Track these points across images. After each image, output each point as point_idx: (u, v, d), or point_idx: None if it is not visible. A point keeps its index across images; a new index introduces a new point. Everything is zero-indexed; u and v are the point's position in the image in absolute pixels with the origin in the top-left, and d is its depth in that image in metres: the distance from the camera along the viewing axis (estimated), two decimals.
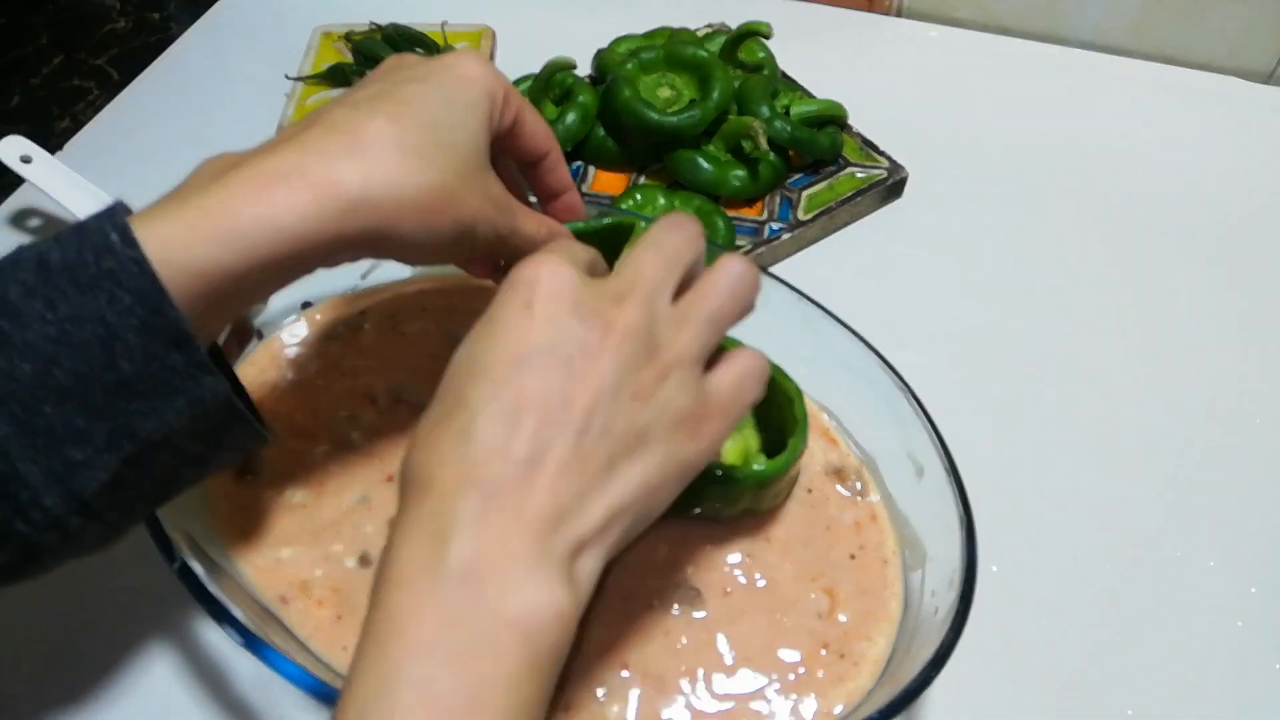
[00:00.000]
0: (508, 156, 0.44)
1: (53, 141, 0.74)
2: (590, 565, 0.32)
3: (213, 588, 0.40)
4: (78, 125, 0.77)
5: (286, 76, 0.77)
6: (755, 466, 0.44)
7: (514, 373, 0.32)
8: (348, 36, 0.79)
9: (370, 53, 0.76)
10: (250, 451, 0.39)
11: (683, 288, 0.36)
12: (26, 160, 0.65)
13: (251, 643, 0.38)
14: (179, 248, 0.31)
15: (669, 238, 0.36)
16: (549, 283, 0.33)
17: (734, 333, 0.48)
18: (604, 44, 0.74)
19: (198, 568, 0.40)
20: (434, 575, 0.29)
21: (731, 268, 0.36)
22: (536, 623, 0.29)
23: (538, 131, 0.43)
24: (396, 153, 0.35)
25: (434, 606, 0.29)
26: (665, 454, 0.33)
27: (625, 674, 0.42)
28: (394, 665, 0.28)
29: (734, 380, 0.36)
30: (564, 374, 0.32)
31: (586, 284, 0.34)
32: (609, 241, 0.51)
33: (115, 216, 0.31)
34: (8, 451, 0.31)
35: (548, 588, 0.30)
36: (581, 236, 0.51)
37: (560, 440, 0.31)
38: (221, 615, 0.39)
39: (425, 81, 0.38)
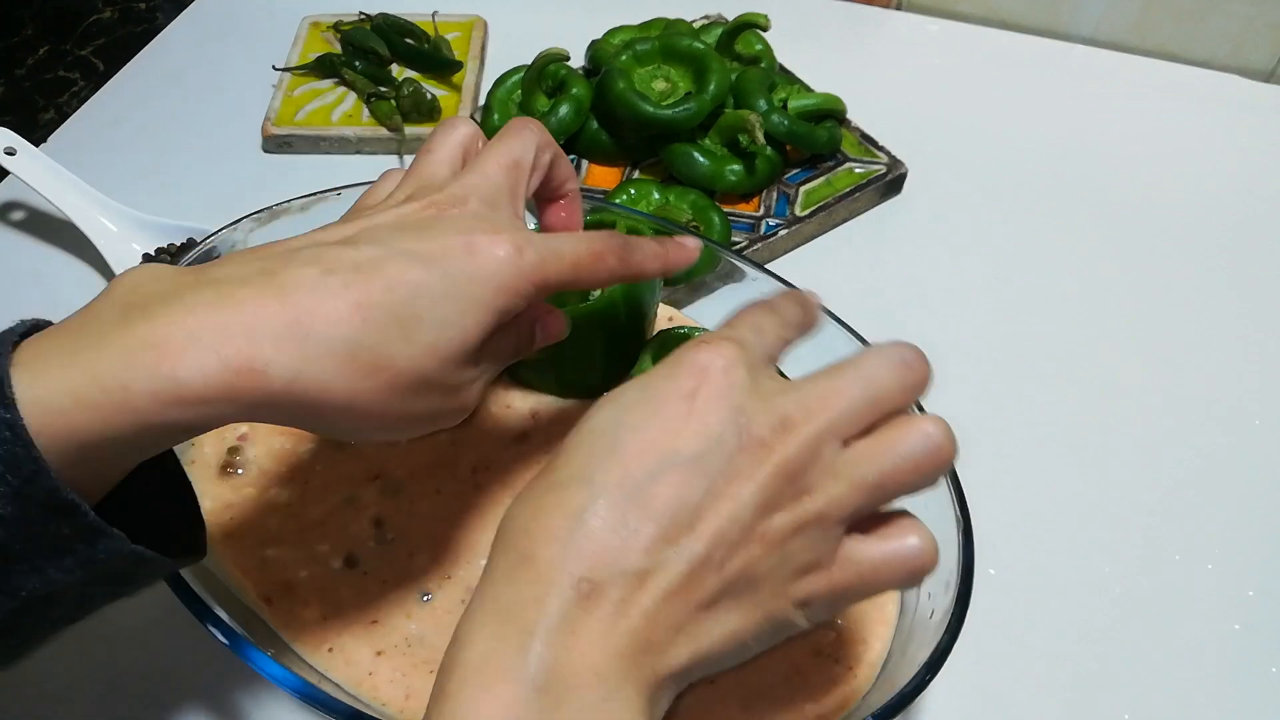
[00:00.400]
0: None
1: (37, 134, 0.73)
2: (664, 700, 0.30)
3: (197, 587, 0.39)
4: (63, 117, 0.76)
5: (274, 67, 0.75)
6: None
7: (653, 470, 0.29)
8: (336, 26, 0.78)
9: (359, 43, 0.75)
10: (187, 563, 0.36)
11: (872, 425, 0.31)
12: (11, 153, 0.63)
13: (236, 643, 0.37)
14: (59, 415, 0.27)
15: (883, 374, 0.32)
16: (720, 381, 0.30)
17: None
18: (598, 35, 0.73)
19: (187, 573, 0.39)
20: (513, 676, 0.27)
21: (924, 430, 0.31)
22: None
23: (579, 259, 0.36)
24: (344, 353, 0.30)
25: (506, 710, 0.27)
26: (769, 610, 0.30)
27: None
28: None
29: (879, 559, 0.31)
30: (703, 491, 0.29)
31: (759, 392, 0.30)
32: None
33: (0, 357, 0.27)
34: None
35: (625, 708, 0.28)
36: None
37: (675, 563, 0.29)
38: (205, 615, 0.38)
39: (429, 266, 0.31)
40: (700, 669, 0.30)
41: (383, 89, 0.73)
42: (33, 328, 0.30)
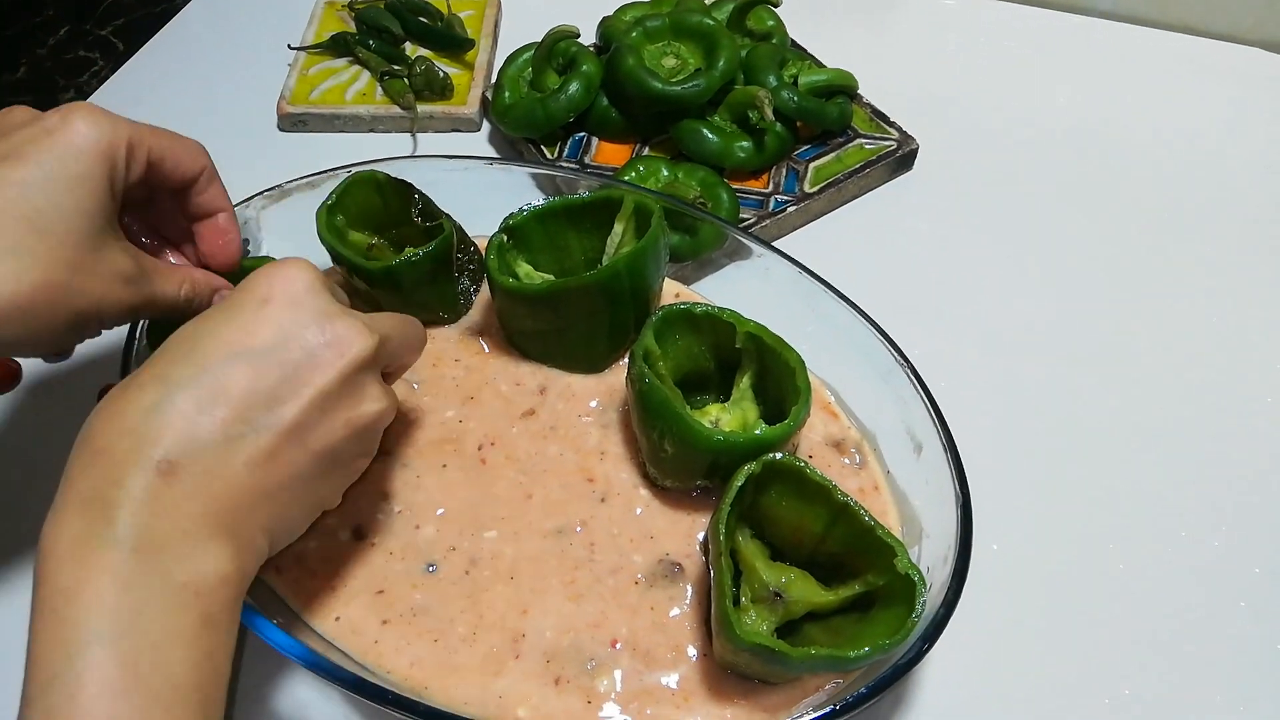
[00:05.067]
0: (158, 192, 0.43)
1: None
2: (258, 550, 0.34)
3: None
4: (83, 96, 0.77)
5: (289, 46, 0.76)
6: (756, 433, 0.44)
7: (227, 362, 0.33)
8: (350, 5, 0.78)
9: (373, 22, 0.75)
10: None
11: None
12: None
13: (244, 613, 0.38)
14: None
15: (411, 324, 0.41)
16: (295, 286, 0.35)
17: (734, 304, 0.48)
18: (609, 11, 0.73)
19: None
20: (103, 545, 0.30)
21: (409, 320, 0.42)
22: (207, 586, 0.31)
23: (180, 159, 0.41)
24: None
25: (107, 573, 0.30)
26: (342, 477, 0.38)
27: (614, 648, 0.42)
28: (75, 629, 0.29)
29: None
30: (278, 379, 0.34)
31: (327, 292, 0.36)
32: (597, 215, 0.51)
33: None
34: None
35: (215, 559, 0.32)
36: (569, 210, 0.51)
37: (253, 439, 0.33)
38: None
39: (24, 160, 0.36)
40: (285, 527, 0.36)
41: (396, 67, 0.73)
42: None
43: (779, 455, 0.42)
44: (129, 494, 0.31)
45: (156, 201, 0.43)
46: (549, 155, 0.67)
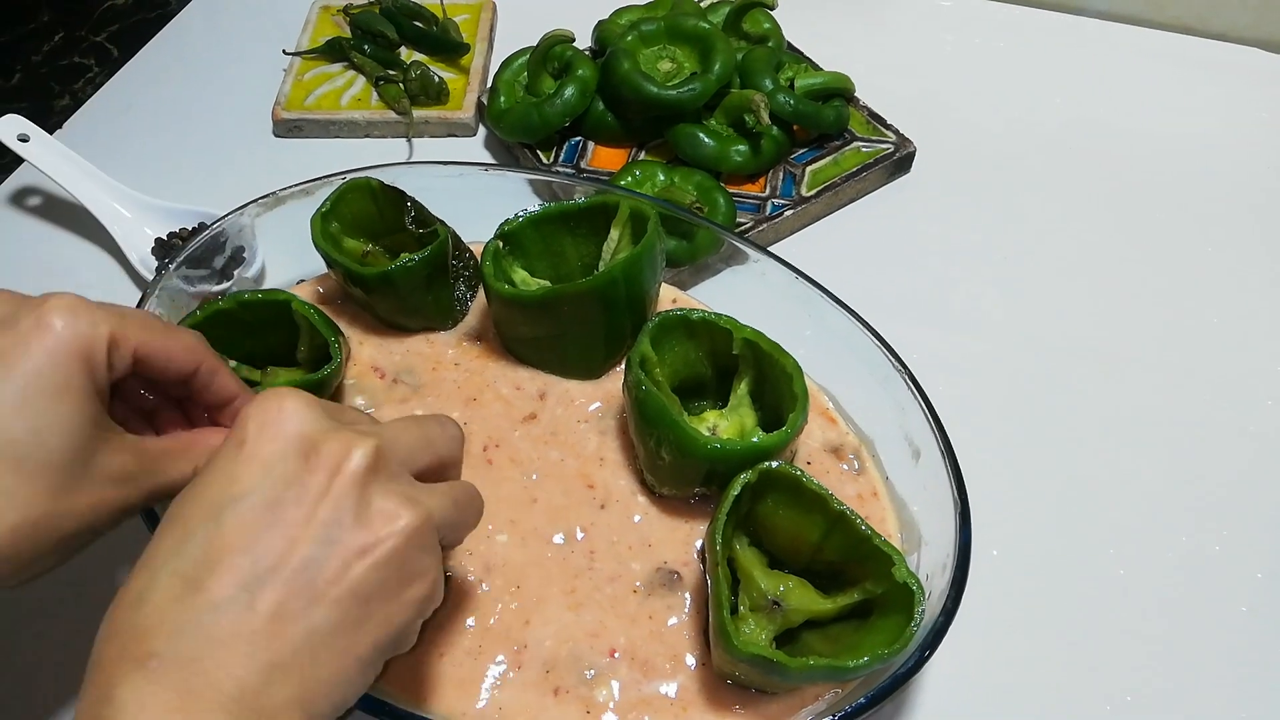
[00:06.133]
0: (151, 386, 0.38)
1: (53, 120, 0.74)
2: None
3: None
4: (78, 103, 0.76)
5: (285, 51, 0.76)
6: (753, 440, 0.43)
7: (207, 523, 0.29)
8: (346, 10, 0.78)
9: (368, 26, 0.75)
10: None
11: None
12: (24, 139, 0.64)
13: None
14: None
15: (431, 424, 0.35)
16: (273, 418, 0.30)
17: (731, 310, 0.48)
18: (605, 15, 0.73)
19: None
20: None
21: (472, 488, 0.35)
22: None
23: (172, 354, 0.36)
24: None
25: None
26: (384, 621, 0.30)
27: (613, 657, 0.41)
28: None
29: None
30: (267, 523, 0.29)
31: (318, 420, 0.31)
32: (593, 221, 0.51)
33: None
34: None
35: None
36: (565, 215, 0.51)
37: (245, 602, 0.28)
38: None
39: None
40: (324, 695, 0.29)
41: (391, 72, 0.73)
42: None
43: (775, 464, 0.42)
44: (121, 709, 0.26)
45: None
46: (545, 160, 0.67)
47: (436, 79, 0.72)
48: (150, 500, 0.35)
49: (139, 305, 0.49)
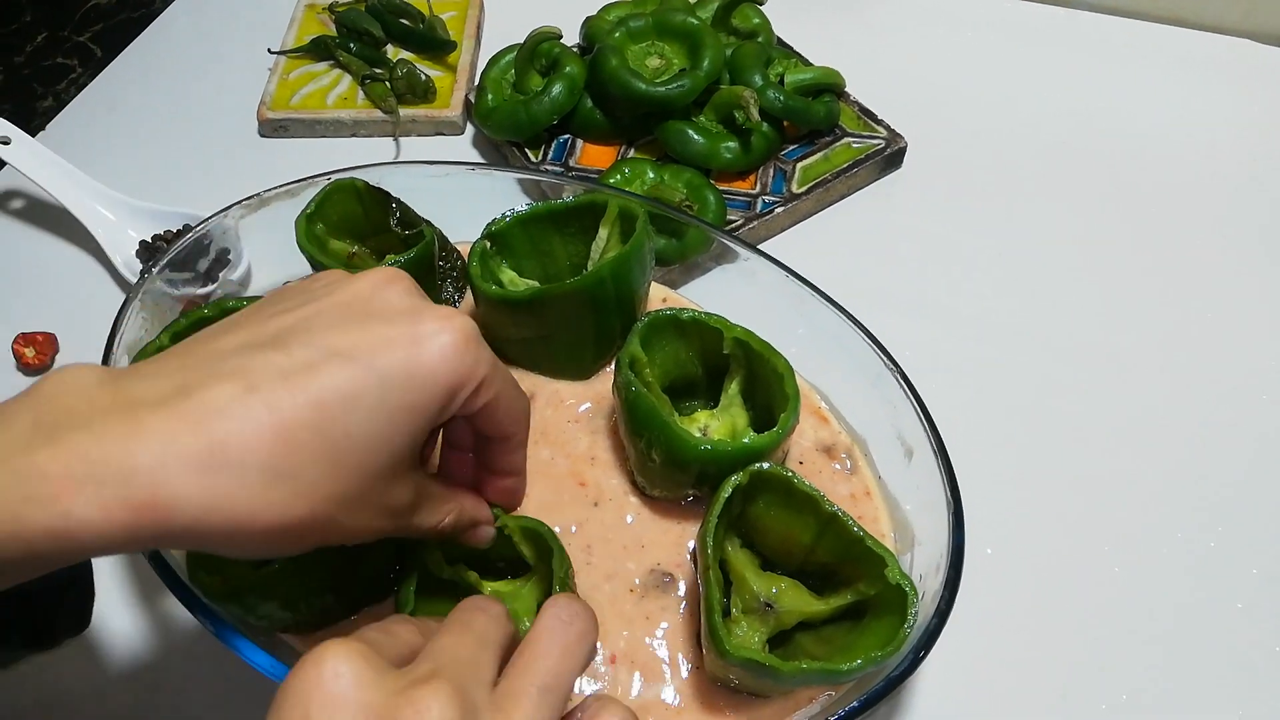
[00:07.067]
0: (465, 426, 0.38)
1: (36, 121, 0.73)
2: None
3: (184, 577, 0.39)
4: (61, 104, 0.76)
5: (270, 50, 0.75)
6: (744, 441, 0.43)
7: None
8: (331, 8, 0.77)
9: (354, 24, 0.75)
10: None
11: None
12: (5, 142, 0.63)
13: (221, 631, 0.38)
14: None
15: (472, 617, 0.30)
16: (328, 688, 0.25)
17: (722, 308, 0.47)
18: (592, 11, 0.72)
19: (170, 557, 0.39)
20: None
21: (554, 614, 0.30)
22: None
23: (510, 417, 0.36)
24: (260, 480, 0.28)
25: None
26: None
27: (611, 665, 0.41)
28: None
29: None
30: None
31: (378, 679, 0.26)
32: (582, 220, 0.50)
33: None
34: None
35: None
36: (553, 215, 0.50)
37: None
38: (194, 604, 0.38)
39: (367, 367, 0.30)
40: None
41: (377, 71, 0.72)
42: None
43: (766, 465, 0.41)
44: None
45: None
46: (533, 158, 0.67)
47: (423, 77, 0.71)
48: (395, 535, 0.34)
49: (123, 309, 0.48)
